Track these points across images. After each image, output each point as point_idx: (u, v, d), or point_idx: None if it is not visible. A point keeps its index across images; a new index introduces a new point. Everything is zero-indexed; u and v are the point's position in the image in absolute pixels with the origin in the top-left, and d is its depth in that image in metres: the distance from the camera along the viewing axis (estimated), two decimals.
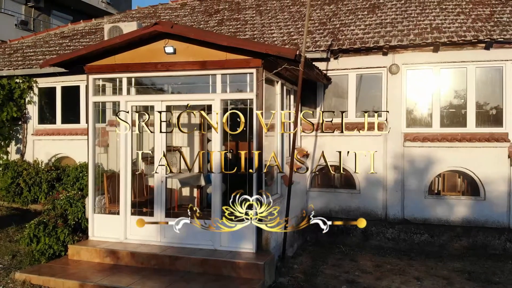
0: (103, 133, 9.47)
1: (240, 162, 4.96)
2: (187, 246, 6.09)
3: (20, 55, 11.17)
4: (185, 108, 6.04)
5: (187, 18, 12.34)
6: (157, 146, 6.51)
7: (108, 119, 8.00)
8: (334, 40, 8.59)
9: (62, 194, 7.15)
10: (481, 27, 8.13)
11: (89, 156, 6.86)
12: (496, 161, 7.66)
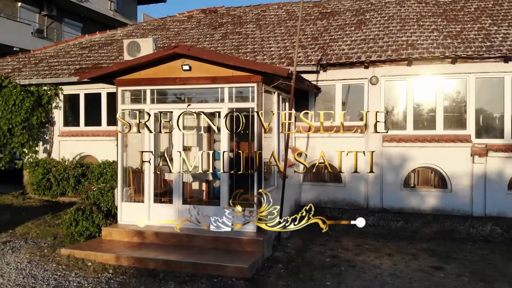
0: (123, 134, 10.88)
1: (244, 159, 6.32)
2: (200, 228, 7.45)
3: (46, 65, 12.52)
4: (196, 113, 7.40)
5: (194, 31, 13.70)
6: (175, 145, 7.87)
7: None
8: (323, 55, 9.96)
9: (94, 186, 8.50)
10: (450, 44, 9.51)
11: (118, 155, 8.18)
12: (461, 159, 9.04)
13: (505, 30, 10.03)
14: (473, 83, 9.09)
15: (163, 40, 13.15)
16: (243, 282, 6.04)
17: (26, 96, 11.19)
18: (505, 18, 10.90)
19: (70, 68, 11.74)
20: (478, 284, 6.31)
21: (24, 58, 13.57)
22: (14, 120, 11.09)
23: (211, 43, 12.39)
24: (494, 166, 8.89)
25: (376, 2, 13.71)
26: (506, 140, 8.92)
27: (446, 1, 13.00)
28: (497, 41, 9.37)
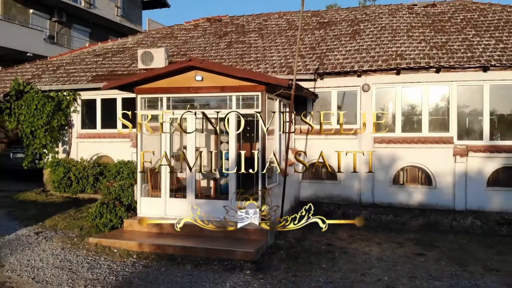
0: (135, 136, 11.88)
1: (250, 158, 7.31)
2: (212, 219, 8.41)
3: (64, 72, 13.51)
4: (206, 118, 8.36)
5: (201, 40, 14.69)
6: (188, 147, 8.86)
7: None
8: (320, 64, 10.95)
9: (116, 183, 9.48)
10: (435, 54, 10.51)
11: (138, 156, 9.14)
12: (444, 159, 10.03)
13: (486, 41, 11.01)
14: (455, 90, 10.08)
15: (172, 49, 14.14)
16: (250, 264, 7.02)
17: (47, 101, 12.17)
18: (487, 29, 11.89)
19: (88, 75, 12.72)
20: (454, 267, 7.29)
21: (42, 65, 14.55)
22: (36, 123, 12.07)
23: (217, 51, 13.38)
24: (474, 165, 9.88)
25: (370, 12, 14.73)
26: (485, 142, 9.91)
27: (436, 12, 14.00)
28: (478, 51, 10.36)
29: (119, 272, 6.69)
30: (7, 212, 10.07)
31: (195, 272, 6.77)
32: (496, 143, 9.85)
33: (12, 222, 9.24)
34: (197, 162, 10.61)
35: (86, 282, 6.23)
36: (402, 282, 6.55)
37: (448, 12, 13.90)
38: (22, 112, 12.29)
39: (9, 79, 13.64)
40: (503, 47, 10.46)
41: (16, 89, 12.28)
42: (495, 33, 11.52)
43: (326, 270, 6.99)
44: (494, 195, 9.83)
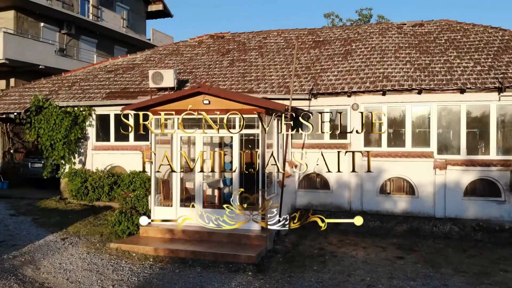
0: (147, 149, 13.07)
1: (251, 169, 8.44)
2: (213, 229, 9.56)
3: (79, 88, 14.64)
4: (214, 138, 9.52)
5: (205, 58, 15.83)
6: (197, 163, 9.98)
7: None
8: (314, 85, 12.10)
9: (132, 194, 10.62)
10: (418, 77, 11.65)
11: (152, 169, 10.27)
12: (425, 171, 11.17)
13: (466, 63, 12.16)
14: (435, 109, 11.22)
15: (179, 66, 15.28)
16: (251, 267, 8.15)
17: (65, 116, 13.30)
18: (468, 51, 13.03)
19: (102, 92, 13.85)
20: (428, 269, 8.42)
21: (58, 81, 15.68)
22: (55, 137, 13.21)
23: (220, 70, 14.51)
24: (452, 177, 11.02)
25: (362, 31, 15.87)
26: (462, 156, 11.05)
27: (423, 32, 15.16)
28: (457, 74, 11.50)
29: (140, 273, 7.82)
30: (33, 219, 11.18)
31: (205, 273, 7.89)
32: (472, 157, 10.99)
33: (39, 229, 10.35)
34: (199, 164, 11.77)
35: (113, 282, 7.36)
36: (381, 282, 7.68)
37: (434, 32, 15.05)
38: (41, 126, 13.42)
39: (27, 95, 14.77)
40: (479, 70, 11.61)
41: (36, 105, 13.41)
42: (474, 55, 12.66)
43: (317, 271, 8.11)
44: (470, 204, 10.97)
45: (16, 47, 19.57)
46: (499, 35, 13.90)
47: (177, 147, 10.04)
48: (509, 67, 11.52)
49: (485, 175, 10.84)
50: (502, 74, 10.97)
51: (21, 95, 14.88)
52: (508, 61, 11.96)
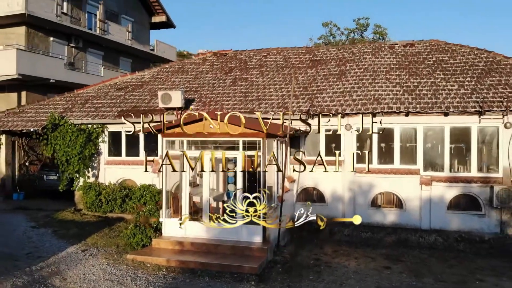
0: (156, 163, 14.10)
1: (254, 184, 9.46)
2: (223, 239, 10.59)
3: (91, 106, 15.65)
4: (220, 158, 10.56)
5: (209, 76, 16.86)
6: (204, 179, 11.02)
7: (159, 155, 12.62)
8: (311, 106, 13.12)
9: (144, 207, 11.64)
10: (405, 100, 12.67)
11: (163, 186, 11.28)
12: (412, 187, 12.20)
13: (451, 86, 13.19)
14: (421, 130, 12.27)
15: (185, 84, 16.30)
16: (254, 277, 9.16)
17: (79, 133, 14.32)
18: (454, 73, 14.06)
19: (113, 110, 14.87)
20: (412, 278, 9.45)
21: (71, 98, 16.70)
22: (71, 153, 14.23)
23: (223, 88, 15.54)
24: (437, 192, 12.04)
25: (356, 51, 16.92)
26: (446, 173, 12.08)
27: (413, 52, 16.20)
28: (441, 97, 12.53)
29: (155, 283, 8.83)
30: (53, 231, 12.19)
31: (212, 282, 8.91)
32: (455, 174, 12.02)
33: (60, 241, 11.35)
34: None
35: None
36: None
37: (424, 52, 16.09)
38: (57, 143, 14.43)
39: (43, 112, 15.79)
40: (463, 93, 12.64)
41: (52, 122, 14.43)
42: (459, 77, 13.70)
43: (313, 281, 9.14)
44: (453, 217, 12.00)
45: (28, 62, 20.60)
46: (483, 57, 14.93)
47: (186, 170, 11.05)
48: (490, 90, 12.55)
49: (467, 190, 11.86)
50: (482, 98, 12.01)
51: (37, 112, 15.90)
52: (490, 84, 12.99)
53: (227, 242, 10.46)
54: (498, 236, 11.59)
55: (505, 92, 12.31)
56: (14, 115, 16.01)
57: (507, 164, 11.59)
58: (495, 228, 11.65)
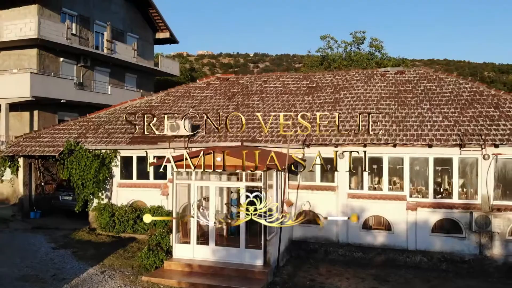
0: (164, 186, 15.31)
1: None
2: (227, 261, 11.78)
3: (104, 131, 16.83)
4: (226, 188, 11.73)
5: (213, 101, 18.04)
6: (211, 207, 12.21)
7: (168, 178, 13.85)
8: (308, 136, 14.31)
9: (156, 231, 12.82)
10: (393, 131, 13.86)
11: (173, 211, 12.45)
12: (400, 211, 13.38)
13: (436, 117, 14.37)
14: (408, 159, 13.46)
15: (190, 109, 17.49)
16: None
17: (94, 159, 15.51)
18: (439, 103, 15.25)
19: (125, 137, 16.05)
20: None
21: (84, 122, 17.88)
22: (86, 177, 15.41)
23: (227, 115, 16.70)
24: (422, 217, 13.23)
25: (350, 78, 18.12)
26: (430, 199, 13.26)
27: (403, 80, 17.41)
28: (426, 129, 13.72)
29: None
30: (72, 252, 13.35)
31: None
32: (438, 200, 13.20)
33: (80, 263, 12.50)
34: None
35: None
36: None
37: (413, 80, 17.30)
38: (73, 167, 15.62)
39: (59, 137, 16.97)
40: (446, 125, 13.83)
41: (68, 148, 15.63)
42: (444, 108, 14.89)
43: None
44: (437, 239, 13.18)
45: (41, 85, 21.82)
46: (468, 87, 16.13)
47: (195, 194, 12.25)
48: (471, 123, 13.75)
49: (449, 215, 13.05)
50: (464, 131, 13.20)
51: (52, 137, 17.07)
52: (472, 116, 14.18)
53: (231, 265, 11.65)
54: (477, 257, 12.78)
55: (484, 125, 13.51)
56: (31, 139, 17.18)
57: (485, 192, 12.78)
58: (475, 250, 12.83)
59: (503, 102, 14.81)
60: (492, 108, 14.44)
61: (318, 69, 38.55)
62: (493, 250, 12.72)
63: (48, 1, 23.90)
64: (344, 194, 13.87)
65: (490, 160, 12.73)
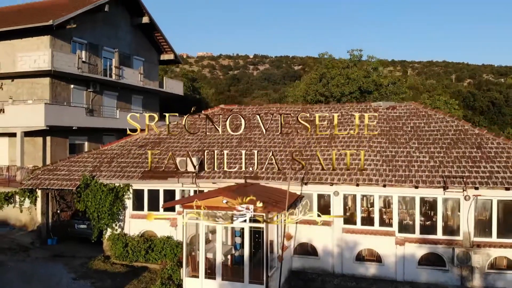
0: (173, 219, 16.61)
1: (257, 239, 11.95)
2: None
3: (117, 165, 18.13)
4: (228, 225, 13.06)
5: (218, 135, 19.32)
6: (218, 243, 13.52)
7: (177, 210, 15.20)
8: (305, 174, 15.62)
9: (168, 264, 14.12)
10: (383, 171, 15.17)
11: (184, 249, 13.76)
12: (389, 245, 14.69)
13: (423, 157, 15.68)
14: (396, 198, 14.78)
15: (197, 143, 18.81)
16: None
17: (108, 192, 16.83)
18: (427, 142, 16.57)
19: (137, 171, 17.36)
20: None
21: (98, 155, 19.18)
22: (101, 209, 16.73)
23: (231, 149, 18.03)
24: (409, 251, 14.55)
25: (345, 112, 19.43)
26: (417, 235, 14.58)
27: (394, 116, 18.73)
28: (413, 170, 15.04)
29: None
30: (91, 283, 14.63)
31: None
32: (424, 236, 14.52)
33: None
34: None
35: None
36: None
37: (404, 116, 18.62)
38: (89, 200, 16.93)
39: (75, 170, 18.27)
40: (432, 165, 15.15)
41: (84, 182, 16.95)
42: (431, 147, 16.20)
43: None
44: (423, 271, 14.49)
45: (54, 114, 23.15)
46: (454, 125, 17.45)
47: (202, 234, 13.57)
48: (455, 164, 15.07)
49: (434, 250, 14.37)
50: (447, 174, 14.52)
51: (69, 170, 18.36)
52: (456, 156, 15.50)
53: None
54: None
55: (467, 166, 14.83)
56: (49, 172, 18.49)
57: (466, 229, 14.10)
58: (457, 281, 14.15)
59: (485, 142, 16.13)
60: (475, 149, 15.76)
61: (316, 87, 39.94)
62: (473, 282, 14.04)
63: (60, 32, 25.19)
64: (339, 228, 15.18)
65: (471, 201, 14.06)
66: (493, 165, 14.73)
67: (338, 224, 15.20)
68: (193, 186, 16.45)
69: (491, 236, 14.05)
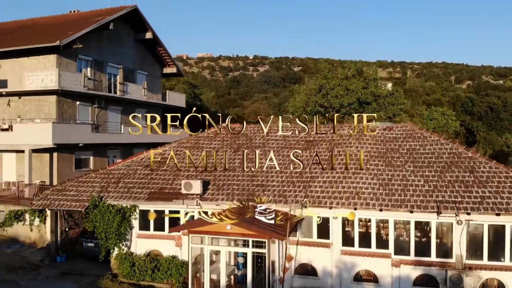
0: (178, 238, 17.28)
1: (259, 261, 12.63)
2: None
3: (124, 186, 18.81)
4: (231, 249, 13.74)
5: (221, 153, 20.00)
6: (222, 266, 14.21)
7: (182, 232, 15.87)
8: (305, 196, 16.30)
9: (174, 286, 14.80)
10: (380, 195, 15.86)
11: (189, 270, 14.46)
12: (385, 267, 15.37)
13: (418, 181, 16.37)
14: (392, 222, 15.47)
15: (201, 163, 19.49)
16: None
17: (116, 213, 17.51)
18: (422, 165, 17.25)
19: (144, 192, 18.04)
20: None
21: (105, 175, 19.86)
22: (109, 230, 17.41)
23: (234, 169, 18.72)
24: (404, 272, 15.23)
25: (343, 134, 20.11)
26: (411, 257, 15.27)
27: (391, 137, 19.42)
28: (408, 194, 15.73)
29: None
30: None
31: None
32: (419, 258, 15.20)
33: None
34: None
35: None
36: None
37: (400, 137, 19.31)
38: (97, 220, 17.62)
39: (83, 190, 18.94)
40: (426, 189, 15.83)
41: (93, 204, 17.64)
42: (425, 170, 16.89)
43: None
44: None
45: (61, 132, 23.85)
46: (448, 147, 18.14)
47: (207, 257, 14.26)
48: (448, 188, 15.76)
49: (427, 271, 15.06)
50: (441, 199, 15.21)
51: (77, 190, 19.04)
52: (449, 180, 16.19)
53: None
54: None
55: (459, 191, 15.51)
56: (58, 192, 19.16)
57: (459, 252, 14.79)
58: None
59: (477, 166, 16.81)
60: (468, 173, 16.45)
61: (316, 98, 40.65)
62: None
63: (66, 51, 25.88)
64: (337, 250, 15.87)
65: (463, 225, 14.75)
66: (485, 190, 15.42)
67: (337, 246, 15.88)
68: (197, 207, 17.13)
69: (482, 259, 14.74)
